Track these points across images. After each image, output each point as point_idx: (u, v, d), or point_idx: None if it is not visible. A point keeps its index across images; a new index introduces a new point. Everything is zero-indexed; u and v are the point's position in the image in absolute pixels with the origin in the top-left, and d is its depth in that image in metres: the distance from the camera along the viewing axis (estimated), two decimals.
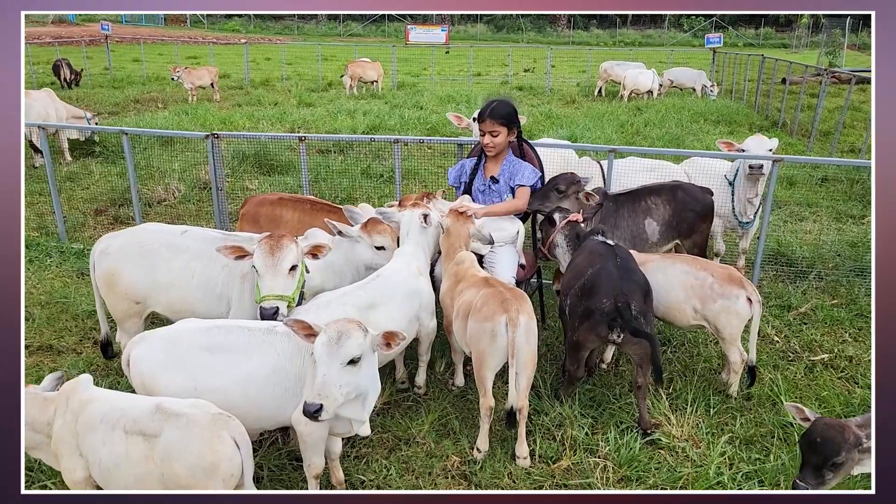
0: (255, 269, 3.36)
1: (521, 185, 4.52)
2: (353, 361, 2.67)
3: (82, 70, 19.38)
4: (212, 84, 17.54)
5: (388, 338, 2.79)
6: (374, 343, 2.78)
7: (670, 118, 14.05)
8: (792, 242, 6.52)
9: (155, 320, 4.22)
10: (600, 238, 4.09)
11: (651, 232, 4.93)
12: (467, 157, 4.92)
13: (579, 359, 3.76)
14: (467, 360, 3.99)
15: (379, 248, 4.01)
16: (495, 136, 4.49)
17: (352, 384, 2.69)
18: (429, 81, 22.26)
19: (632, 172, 5.52)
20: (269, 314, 3.25)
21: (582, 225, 4.39)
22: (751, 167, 5.34)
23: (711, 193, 5.05)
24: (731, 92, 19.65)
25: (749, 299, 3.95)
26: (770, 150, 5.38)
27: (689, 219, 4.94)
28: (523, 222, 4.75)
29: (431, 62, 24.22)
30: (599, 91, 19.72)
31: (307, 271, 3.63)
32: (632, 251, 4.23)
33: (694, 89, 18.79)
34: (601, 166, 5.72)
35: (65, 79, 18.41)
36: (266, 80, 21.77)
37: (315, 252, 3.53)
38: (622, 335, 3.51)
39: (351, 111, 14.47)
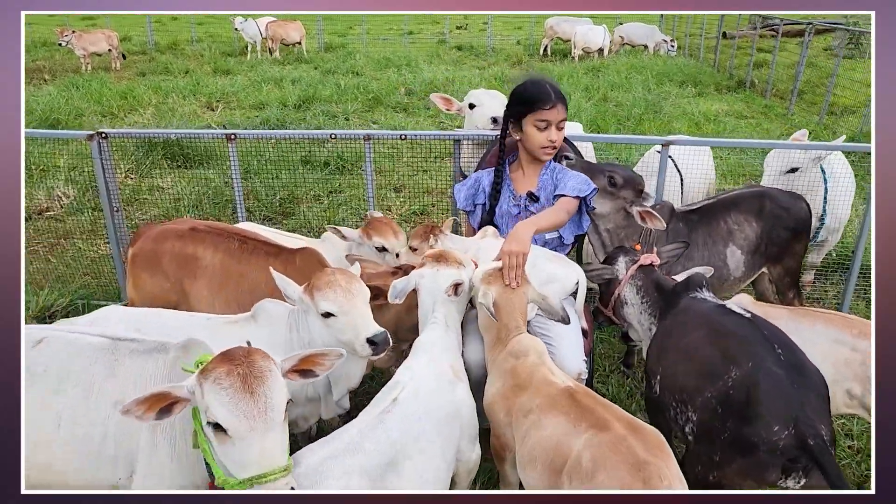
0: (219, 427, 1.73)
1: (564, 195, 3.02)
2: None
3: None
4: (110, 50, 15.12)
5: None
6: None
7: (635, 80, 12.79)
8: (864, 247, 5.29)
9: None
10: (710, 297, 2.69)
11: (735, 264, 3.58)
12: (480, 168, 3.43)
13: None
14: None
15: (326, 316, 2.36)
16: (562, 129, 3.08)
17: None
18: (359, 42, 20.27)
19: (695, 165, 4.17)
20: None
21: (660, 270, 3.00)
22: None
23: (804, 199, 3.75)
24: (681, 49, 18.59)
25: None
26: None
27: (780, 238, 3.63)
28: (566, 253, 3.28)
29: (362, 19, 22.09)
30: (545, 50, 18.31)
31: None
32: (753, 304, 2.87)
33: (646, 46, 17.61)
34: (674, 162, 4.24)
35: None
36: (174, 42, 19.25)
37: (309, 367, 1.97)
38: (804, 481, 2.16)
39: (277, 79, 12.56)
